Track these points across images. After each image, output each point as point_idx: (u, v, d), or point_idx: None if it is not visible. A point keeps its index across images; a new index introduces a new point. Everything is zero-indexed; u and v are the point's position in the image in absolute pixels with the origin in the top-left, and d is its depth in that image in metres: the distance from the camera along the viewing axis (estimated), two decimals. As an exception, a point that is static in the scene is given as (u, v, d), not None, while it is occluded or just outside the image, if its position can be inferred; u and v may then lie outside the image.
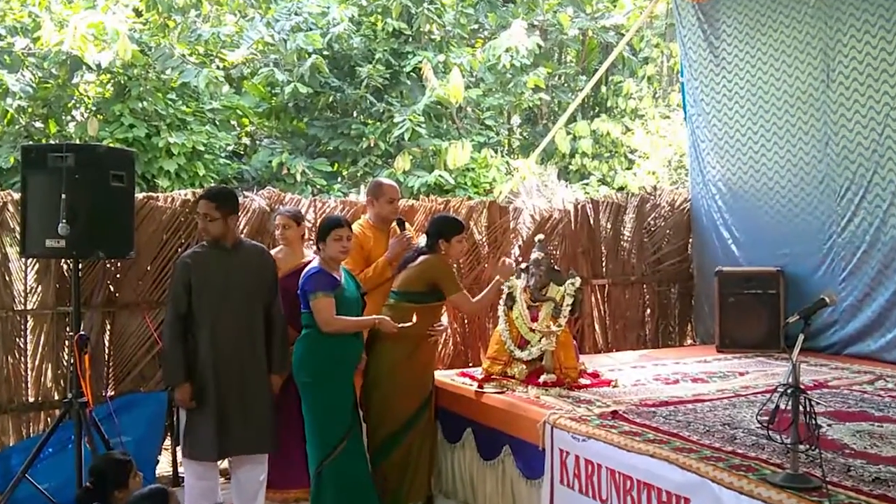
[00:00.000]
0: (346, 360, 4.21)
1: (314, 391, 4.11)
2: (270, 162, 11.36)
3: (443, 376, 5.06)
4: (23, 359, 5.04)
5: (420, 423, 4.46)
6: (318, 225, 4.44)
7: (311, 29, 11.44)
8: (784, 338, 5.92)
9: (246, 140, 12.93)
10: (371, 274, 4.67)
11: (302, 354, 4.14)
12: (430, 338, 4.49)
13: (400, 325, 4.26)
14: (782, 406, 2.80)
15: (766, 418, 2.85)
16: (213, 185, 10.28)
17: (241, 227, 5.47)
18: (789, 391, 2.81)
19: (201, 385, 3.99)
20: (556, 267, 5.17)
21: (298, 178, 11.06)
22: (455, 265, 5.91)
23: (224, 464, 4.47)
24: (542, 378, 4.57)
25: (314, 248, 4.37)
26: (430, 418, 4.61)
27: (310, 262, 4.29)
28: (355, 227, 4.91)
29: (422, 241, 4.61)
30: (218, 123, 11.13)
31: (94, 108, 10.40)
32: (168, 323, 4.04)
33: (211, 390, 3.98)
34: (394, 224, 4.88)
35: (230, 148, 11.81)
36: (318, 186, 11.30)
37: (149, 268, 5.26)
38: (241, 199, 5.65)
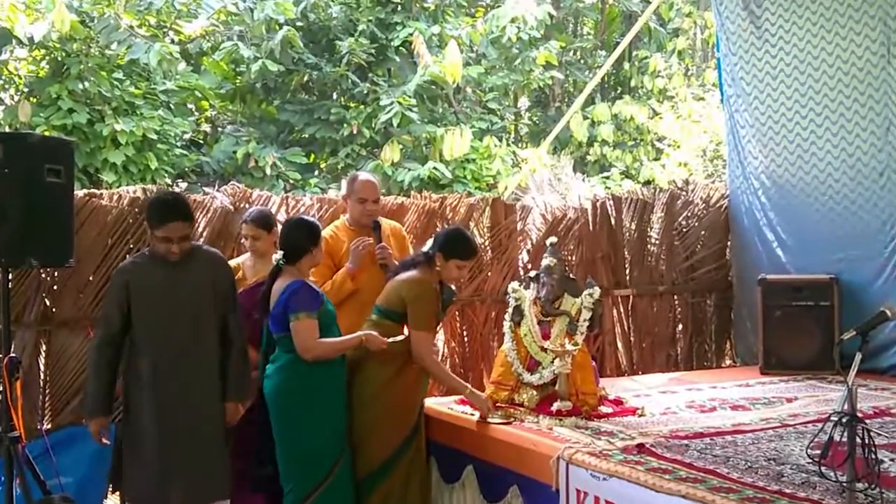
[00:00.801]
0: (336, 386, 4.26)
1: (300, 424, 4.15)
2: (235, 152, 11.37)
3: (438, 405, 5.06)
4: (-57, 386, 5.02)
5: (406, 457, 4.48)
6: (295, 232, 4.40)
7: (282, -4, 11.46)
8: (839, 357, 5.89)
9: (206, 127, 12.95)
10: (329, 288, 4.69)
11: (283, 384, 4.17)
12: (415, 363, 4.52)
13: (390, 340, 4.30)
14: (837, 437, 2.81)
15: (818, 452, 2.87)
16: (167, 182, 10.28)
17: (199, 229, 5.48)
18: (845, 420, 2.82)
19: (139, 426, 4.00)
20: (571, 275, 5.17)
21: (268, 171, 11.07)
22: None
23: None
24: (556, 406, 4.58)
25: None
26: (420, 450, 4.62)
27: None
28: (327, 230, 4.94)
29: (429, 243, 4.66)
30: (173, 107, 11.14)
31: (26, 90, 10.41)
32: (94, 345, 4.05)
33: (152, 433, 3.96)
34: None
35: (187, 136, 11.82)
36: (292, 181, 11.31)
37: (91, 278, 5.26)
38: (200, 197, 5.68)
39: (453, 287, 4.77)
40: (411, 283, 4.49)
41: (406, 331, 4.44)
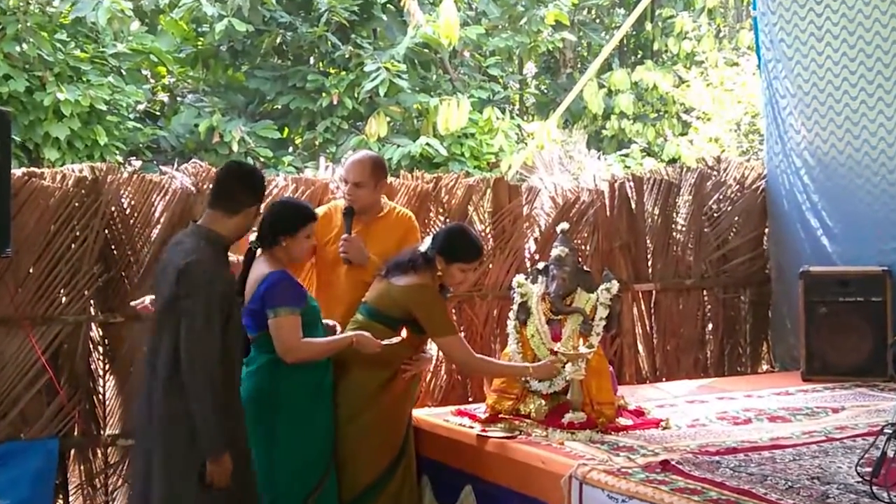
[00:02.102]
0: (323, 392, 4.31)
1: (279, 435, 4.17)
2: (196, 126, 11.35)
3: (432, 416, 5.06)
4: None
5: (394, 482, 4.51)
6: (278, 211, 4.42)
7: (251, -56, 11.42)
8: (892, 362, 5.94)
9: (163, 96, 12.93)
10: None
11: (260, 389, 4.16)
12: (404, 373, 4.55)
13: (385, 342, 4.32)
14: (890, 453, 2.82)
15: (870, 470, 2.88)
16: (118, 160, 10.25)
17: (156, 214, 5.49)
18: (900, 433, 2.83)
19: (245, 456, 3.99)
20: (585, 267, 5.17)
21: (235, 147, 11.06)
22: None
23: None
24: (568, 417, 4.58)
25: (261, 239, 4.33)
26: (409, 470, 4.64)
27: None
28: (323, 207, 5.04)
29: (427, 241, 4.67)
30: (125, 74, 11.11)
31: (-46, 54, 10.36)
32: (211, 366, 3.69)
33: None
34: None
35: (141, 107, 11.80)
36: (262, 159, 11.30)
37: (31, 270, 5.25)
38: (156, 177, 5.67)
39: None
40: (413, 290, 4.50)
41: (403, 333, 4.45)
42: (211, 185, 3.97)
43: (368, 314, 4.53)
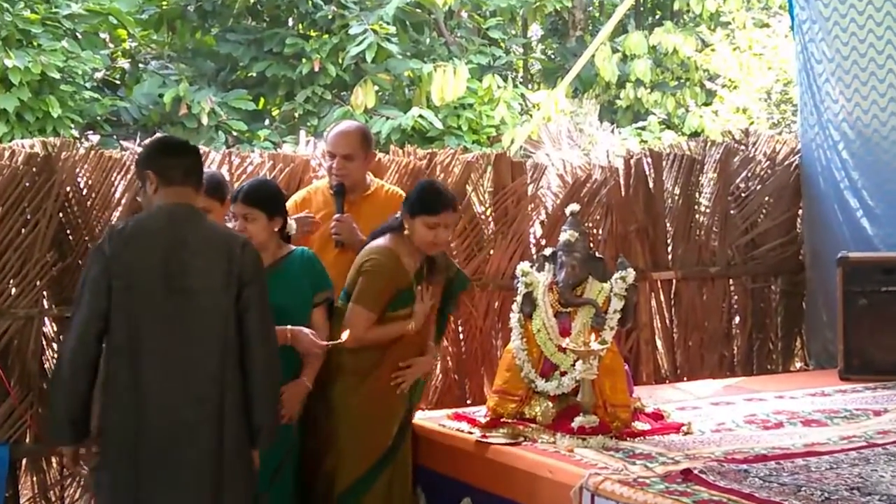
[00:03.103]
0: (290, 366, 4.38)
1: None
2: (161, 96, 11.32)
3: (427, 421, 5.07)
4: None
5: (376, 487, 4.55)
6: (268, 191, 4.50)
7: None
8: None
9: (124, 63, 12.89)
10: None
11: None
12: (393, 381, 4.58)
13: (327, 343, 4.37)
14: (939, 460, 2.82)
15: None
16: (74, 134, 10.21)
17: (116, 195, 5.49)
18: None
19: None
20: (597, 253, 5.17)
21: (204, 119, 11.04)
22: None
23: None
24: (578, 421, 4.58)
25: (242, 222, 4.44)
26: (401, 478, 4.67)
27: None
28: (302, 191, 5.10)
29: None
30: (81, 37, 11.07)
31: None
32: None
33: None
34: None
35: (99, 75, 11.75)
36: (235, 133, 11.28)
37: (-23, 257, 5.25)
38: (116, 153, 5.65)
39: (464, 272, 4.85)
40: (370, 251, 4.58)
41: (345, 335, 4.45)
42: (186, 162, 3.95)
43: (344, 297, 4.62)
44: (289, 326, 4.37)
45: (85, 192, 5.46)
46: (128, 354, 3.74)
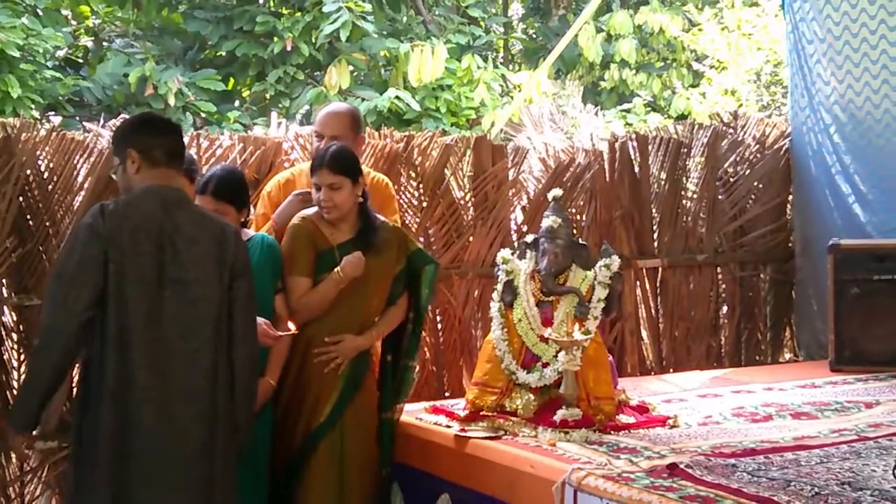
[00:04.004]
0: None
1: None
2: (126, 76, 11.26)
3: (403, 414, 5.03)
4: None
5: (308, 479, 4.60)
6: (238, 184, 4.53)
7: None
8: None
9: (87, 41, 12.81)
10: None
11: None
12: (317, 357, 4.62)
13: (279, 334, 4.40)
14: (934, 454, 2.83)
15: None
16: (34, 115, 10.15)
17: (79, 178, 5.45)
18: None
19: None
20: (580, 240, 5.16)
21: (172, 100, 10.98)
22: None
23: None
24: (561, 414, 4.58)
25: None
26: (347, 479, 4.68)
27: None
28: (285, 173, 5.13)
29: None
30: (42, 14, 10.99)
31: None
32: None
33: None
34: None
35: (61, 53, 11.68)
36: (204, 114, 11.23)
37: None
38: (79, 135, 5.61)
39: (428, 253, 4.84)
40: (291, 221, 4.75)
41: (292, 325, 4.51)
42: (171, 142, 3.91)
43: None
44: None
45: (46, 175, 5.41)
46: (118, 345, 3.68)
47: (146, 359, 3.69)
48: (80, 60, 12.35)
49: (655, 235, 6.99)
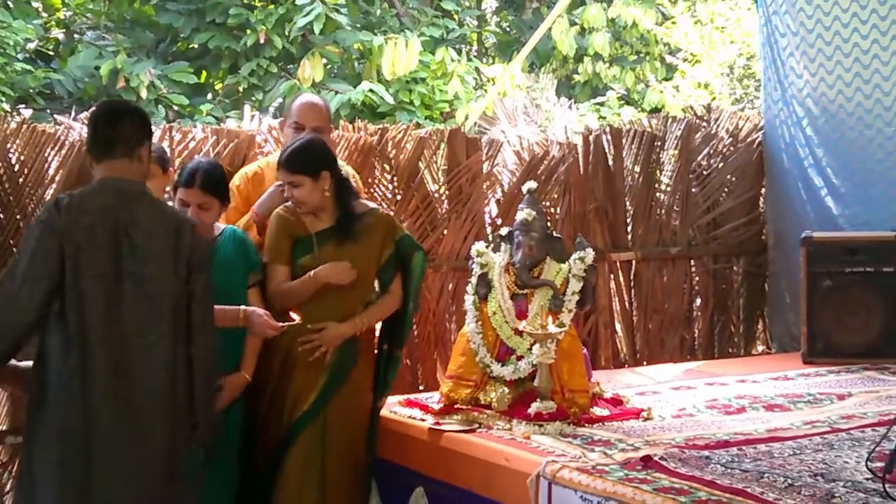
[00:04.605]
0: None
1: None
2: (98, 68, 11.18)
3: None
4: None
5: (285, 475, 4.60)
6: (221, 176, 4.52)
7: None
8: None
9: (58, 33, 12.71)
10: None
11: None
12: (300, 346, 4.61)
13: (282, 325, 4.40)
14: (906, 445, 2.84)
15: (881, 465, 2.90)
16: (4, 108, 10.09)
17: (50, 171, 5.41)
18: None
19: None
20: (555, 233, 5.17)
21: (144, 93, 10.91)
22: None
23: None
24: (535, 407, 4.58)
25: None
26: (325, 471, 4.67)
27: None
28: (253, 165, 5.13)
29: None
30: (12, 6, 10.90)
31: None
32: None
33: None
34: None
35: (32, 45, 11.59)
36: (176, 107, 11.17)
37: None
38: (50, 128, 5.57)
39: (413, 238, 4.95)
40: None
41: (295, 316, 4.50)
42: (91, 134, 3.84)
43: None
44: (241, 307, 4.36)
45: (17, 168, 5.38)
46: (78, 342, 3.61)
47: (105, 355, 3.62)
48: (51, 53, 12.26)
49: (629, 228, 7.00)
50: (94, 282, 3.63)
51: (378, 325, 4.91)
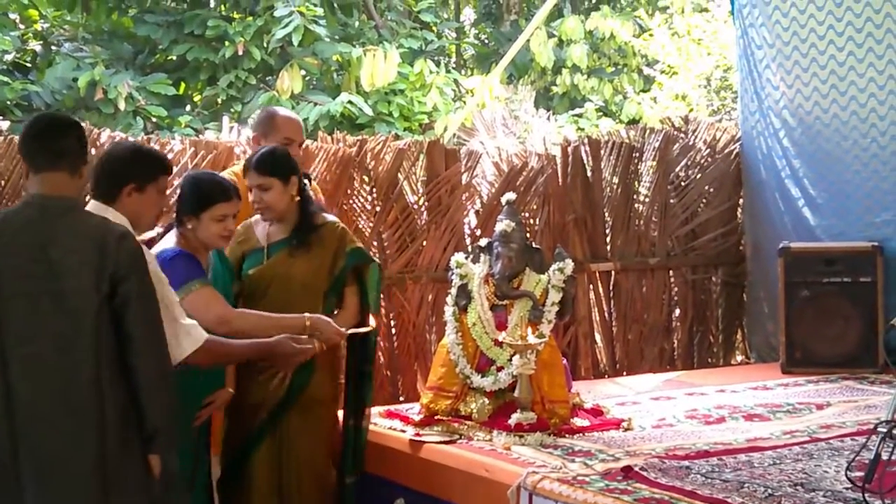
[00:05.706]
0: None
1: None
2: (76, 80, 11.12)
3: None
4: None
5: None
6: (186, 189, 4.39)
7: None
8: (885, 350, 6.03)
9: (35, 45, 12.65)
10: None
11: None
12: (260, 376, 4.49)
13: (347, 331, 4.42)
14: (884, 455, 2.85)
15: (861, 474, 2.90)
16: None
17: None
18: (894, 432, 2.86)
19: None
20: (534, 244, 5.17)
21: (122, 105, 10.86)
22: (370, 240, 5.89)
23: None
24: (515, 418, 4.58)
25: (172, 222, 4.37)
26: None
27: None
28: (225, 173, 4.98)
29: None
30: (-11, 18, 10.85)
31: None
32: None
33: None
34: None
35: (9, 57, 11.53)
36: (155, 119, 11.13)
37: None
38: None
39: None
40: None
41: None
42: (33, 145, 3.78)
43: None
44: (306, 314, 4.34)
45: (-6, 180, 5.36)
46: None
47: (26, 376, 3.53)
48: (29, 65, 12.18)
49: (608, 239, 7.02)
50: (11, 302, 3.54)
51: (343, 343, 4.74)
